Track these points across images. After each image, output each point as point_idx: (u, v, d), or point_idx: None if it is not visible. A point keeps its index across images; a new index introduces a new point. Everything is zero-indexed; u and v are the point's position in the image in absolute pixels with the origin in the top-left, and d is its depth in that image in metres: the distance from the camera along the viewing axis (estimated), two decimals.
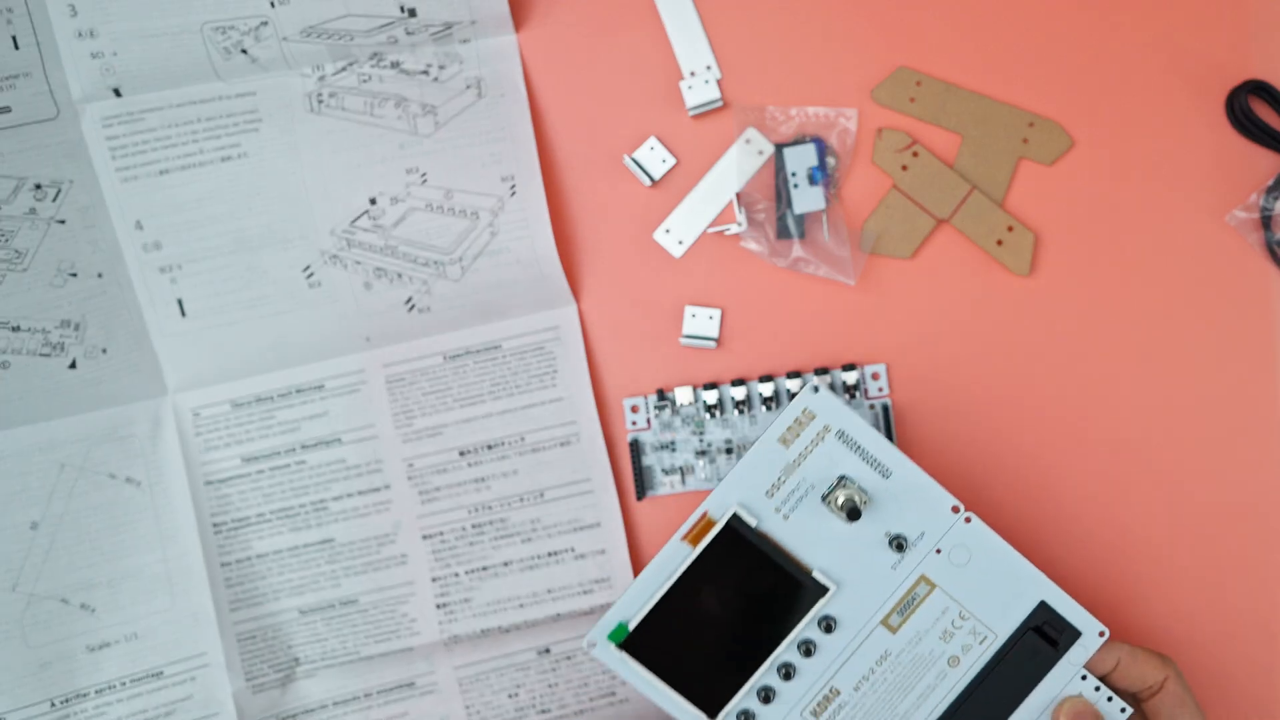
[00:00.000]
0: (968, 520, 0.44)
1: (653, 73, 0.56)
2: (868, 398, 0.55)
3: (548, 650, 0.56)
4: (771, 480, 0.45)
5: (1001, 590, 0.44)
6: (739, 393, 0.55)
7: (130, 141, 0.54)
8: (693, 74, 0.56)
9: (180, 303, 0.55)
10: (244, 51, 0.53)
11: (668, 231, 0.56)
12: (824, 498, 0.44)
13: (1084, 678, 0.44)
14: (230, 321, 0.55)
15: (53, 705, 0.53)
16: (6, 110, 0.52)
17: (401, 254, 0.55)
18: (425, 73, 0.55)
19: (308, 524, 0.55)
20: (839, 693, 0.44)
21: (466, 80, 0.55)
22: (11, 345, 0.53)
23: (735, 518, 0.44)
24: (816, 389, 0.44)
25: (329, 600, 0.55)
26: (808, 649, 0.44)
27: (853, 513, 0.44)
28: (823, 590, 0.44)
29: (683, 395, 0.55)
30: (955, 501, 0.44)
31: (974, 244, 0.55)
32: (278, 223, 0.55)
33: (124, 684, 0.54)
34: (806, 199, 0.55)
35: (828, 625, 0.44)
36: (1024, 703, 0.44)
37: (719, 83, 0.56)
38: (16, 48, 0.52)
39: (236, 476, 0.55)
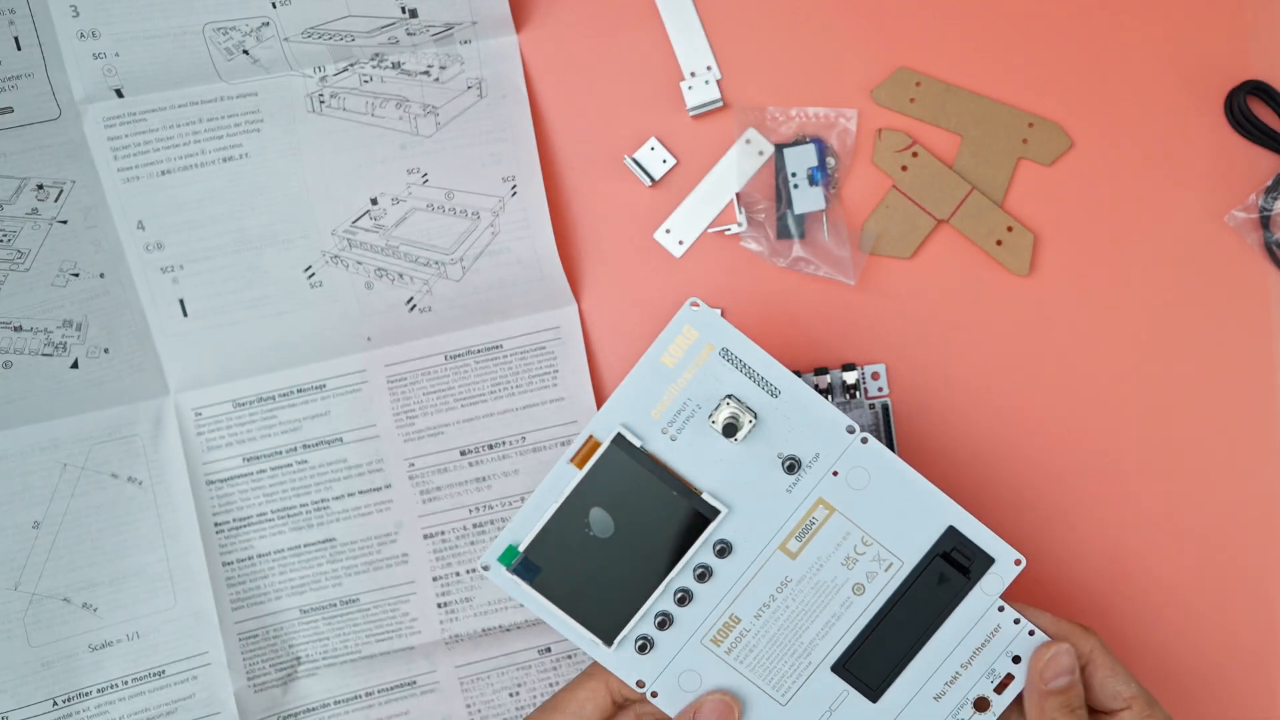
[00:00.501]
0: (864, 441, 0.42)
1: (653, 73, 0.56)
2: (868, 397, 0.55)
3: (548, 649, 0.56)
4: (656, 400, 0.43)
5: (906, 515, 0.42)
6: None
7: (132, 142, 0.54)
8: (693, 74, 0.56)
9: (182, 303, 0.55)
10: (246, 52, 0.53)
11: (668, 231, 0.56)
12: (710, 418, 0.42)
13: (1001, 609, 0.43)
14: (232, 321, 0.55)
15: (55, 704, 0.53)
16: (9, 111, 0.52)
17: (403, 254, 0.55)
18: (426, 73, 0.55)
19: (309, 523, 0.55)
20: (739, 620, 0.43)
21: (467, 81, 0.55)
22: (14, 345, 0.53)
23: (619, 438, 0.42)
24: (696, 304, 0.42)
25: (330, 599, 0.55)
26: (702, 574, 0.43)
27: (728, 429, 0.42)
28: (714, 513, 0.42)
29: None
30: (850, 421, 0.42)
31: (973, 244, 0.55)
32: (279, 223, 0.55)
33: (126, 683, 0.54)
34: (806, 199, 0.55)
35: (721, 549, 0.43)
36: (938, 633, 0.43)
37: (719, 83, 0.56)
38: (19, 48, 0.52)
39: (238, 476, 0.55)
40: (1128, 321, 0.56)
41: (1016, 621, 0.43)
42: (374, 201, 0.55)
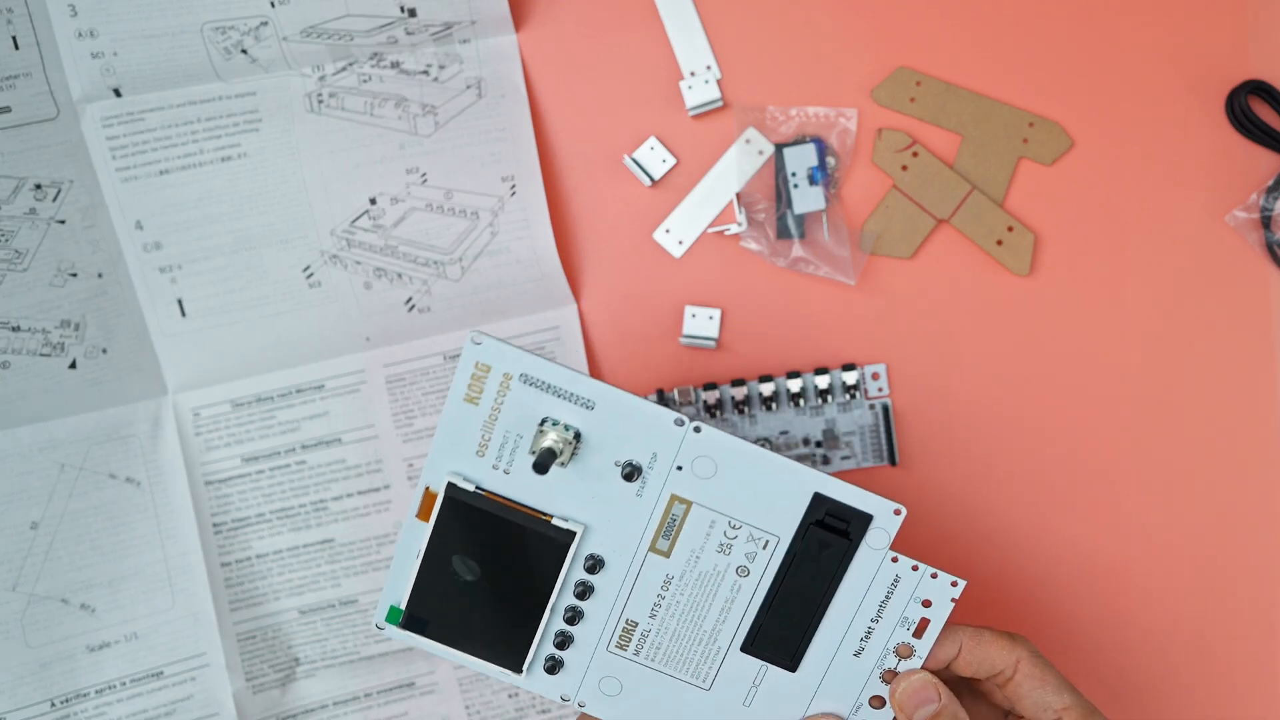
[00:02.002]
0: (698, 430, 0.40)
1: (653, 73, 0.56)
2: (868, 397, 0.55)
3: None
4: (476, 440, 0.42)
5: (767, 493, 0.41)
6: (739, 393, 0.55)
7: (130, 141, 0.54)
8: (693, 74, 0.56)
9: (180, 303, 0.55)
10: (244, 51, 0.53)
11: (668, 231, 0.56)
12: (530, 449, 0.42)
13: (895, 559, 0.42)
14: (230, 321, 0.55)
15: (53, 705, 0.53)
16: (6, 110, 0.52)
17: (401, 254, 0.55)
18: (425, 73, 0.55)
19: (308, 524, 0.55)
20: (636, 623, 0.43)
21: (466, 80, 0.55)
22: (11, 345, 0.53)
23: (451, 486, 0.42)
24: (478, 341, 0.41)
25: (329, 600, 0.55)
26: (583, 591, 0.43)
27: (540, 466, 0.40)
28: (569, 535, 0.42)
29: (682, 396, 0.55)
30: (676, 415, 0.40)
31: (974, 244, 0.55)
32: (278, 223, 0.55)
33: (124, 684, 0.54)
34: (806, 199, 0.55)
35: (592, 565, 0.42)
36: (837, 596, 0.42)
37: (719, 83, 0.56)
38: (16, 48, 0.52)
39: (236, 476, 0.55)
40: (1128, 321, 0.56)
41: (915, 568, 0.42)
42: (373, 201, 0.55)
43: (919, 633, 0.42)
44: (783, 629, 0.43)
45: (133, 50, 0.52)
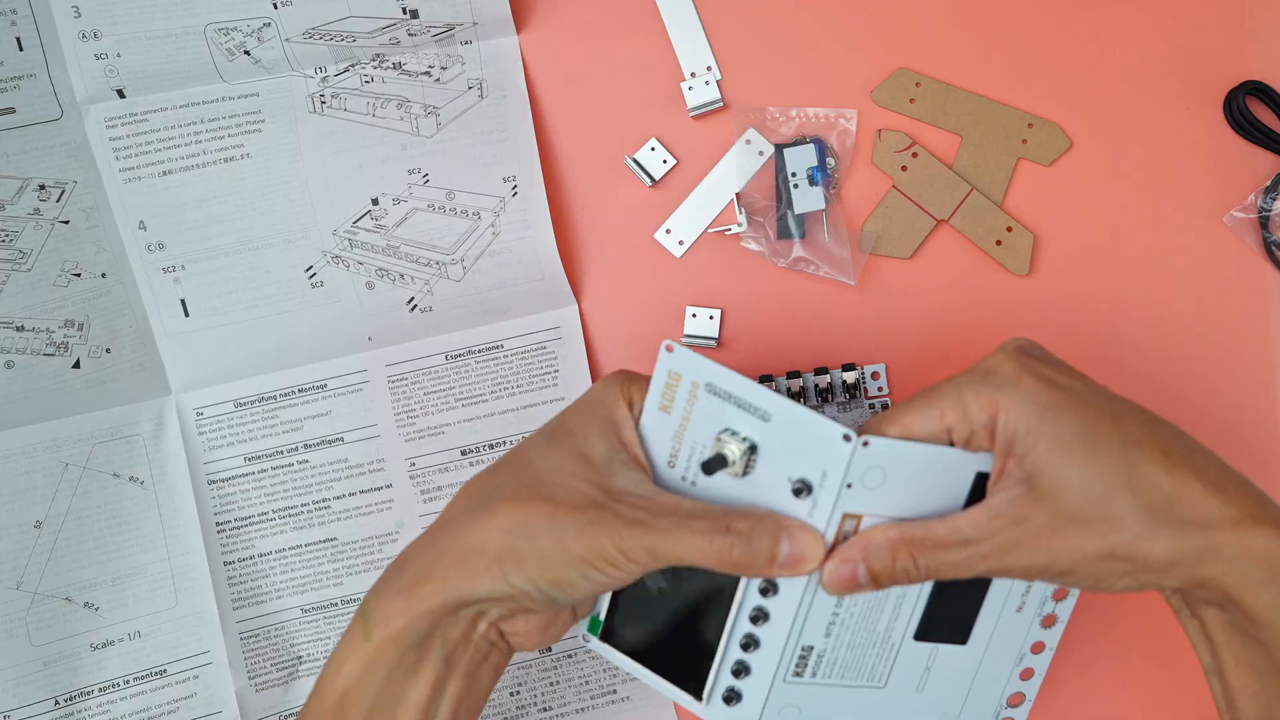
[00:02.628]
0: (865, 445, 0.39)
1: (654, 74, 0.56)
2: (868, 397, 0.55)
3: (549, 649, 0.56)
4: (668, 450, 0.42)
5: (932, 486, 0.40)
6: None
7: (134, 142, 0.54)
8: (693, 75, 0.56)
9: (184, 303, 0.55)
10: (247, 53, 0.53)
11: (668, 232, 0.56)
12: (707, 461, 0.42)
13: None
14: (233, 321, 0.55)
15: (56, 703, 0.53)
16: (11, 111, 0.52)
17: (403, 254, 0.55)
18: (427, 74, 0.55)
19: (310, 523, 0.55)
20: (812, 648, 0.42)
21: (468, 81, 0.55)
22: (15, 345, 0.53)
23: None
24: (671, 348, 0.42)
25: (331, 599, 0.55)
26: (757, 616, 0.42)
27: (708, 467, 0.40)
28: None
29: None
30: (844, 430, 0.39)
31: (973, 244, 0.56)
32: (280, 223, 0.55)
33: (127, 682, 0.54)
34: (806, 199, 0.55)
35: (764, 589, 0.41)
36: None
37: (719, 84, 0.56)
38: (21, 49, 0.52)
39: (239, 475, 0.55)
40: (1126, 321, 0.56)
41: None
42: (375, 202, 0.55)
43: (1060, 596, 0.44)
44: (955, 608, 0.43)
45: (136, 51, 0.53)
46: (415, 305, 0.55)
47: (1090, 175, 0.56)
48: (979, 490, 0.41)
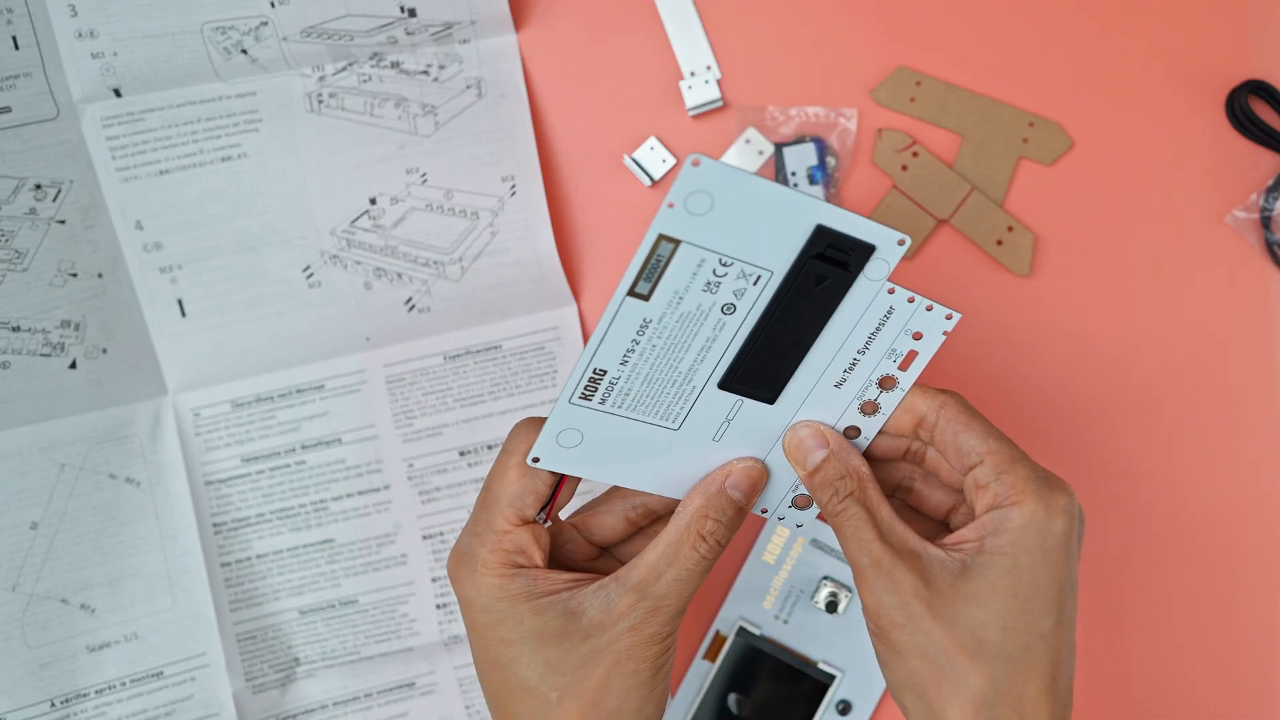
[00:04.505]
0: (696, 164, 0.35)
1: (653, 73, 0.56)
2: None
3: None
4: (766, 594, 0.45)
5: (764, 226, 0.37)
6: None
7: (130, 142, 0.54)
8: (693, 74, 0.56)
9: (180, 303, 0.55)
10: (244, 52, 0.53)
11: None
12: (812, 598, 0.44)
13: (892, 290, 0.39)
14: (230, 321, 0.55)
15: (53, 705, 0.53)
16: (7, 110, 0.52)
17: (401, 254, 0.55)
18: (425, 73, 0.55)
19: (308, 524, 0.55)
20: (604, 371, 0.39)
21: (466, 80, 0.55)
22: (12, 345, 0.53)
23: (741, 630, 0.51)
24: (775, 516, 0.44)
25: (329, 600, 0.55)
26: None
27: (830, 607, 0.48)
28: None
29: None
30: (695, 155, 0.35)
31: (974, 244, 0.55)
32: (278, 223, 0.55)
33: (124, 684, 0.54)
34: None
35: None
36: (827, 328, 0.39)
37: (719, 83, 0.56)
38: (16, 48, 0.52)
39: (236, 476, 0.55)
40: (1128, 322, 0.56)
41: (911, 300, 0.39)
42: (373, 201, 0.55)
43: (905, 364, 0.40)
44: (766, 364, 0.40)
45: (133, 50, 0.52)
46: (413, 305, 0.55)
47: (1092, 175, 0.56)
48: (815, 247, 0.37)
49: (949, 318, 0.39)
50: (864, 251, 0.38)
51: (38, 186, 0.53)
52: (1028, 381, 0.56)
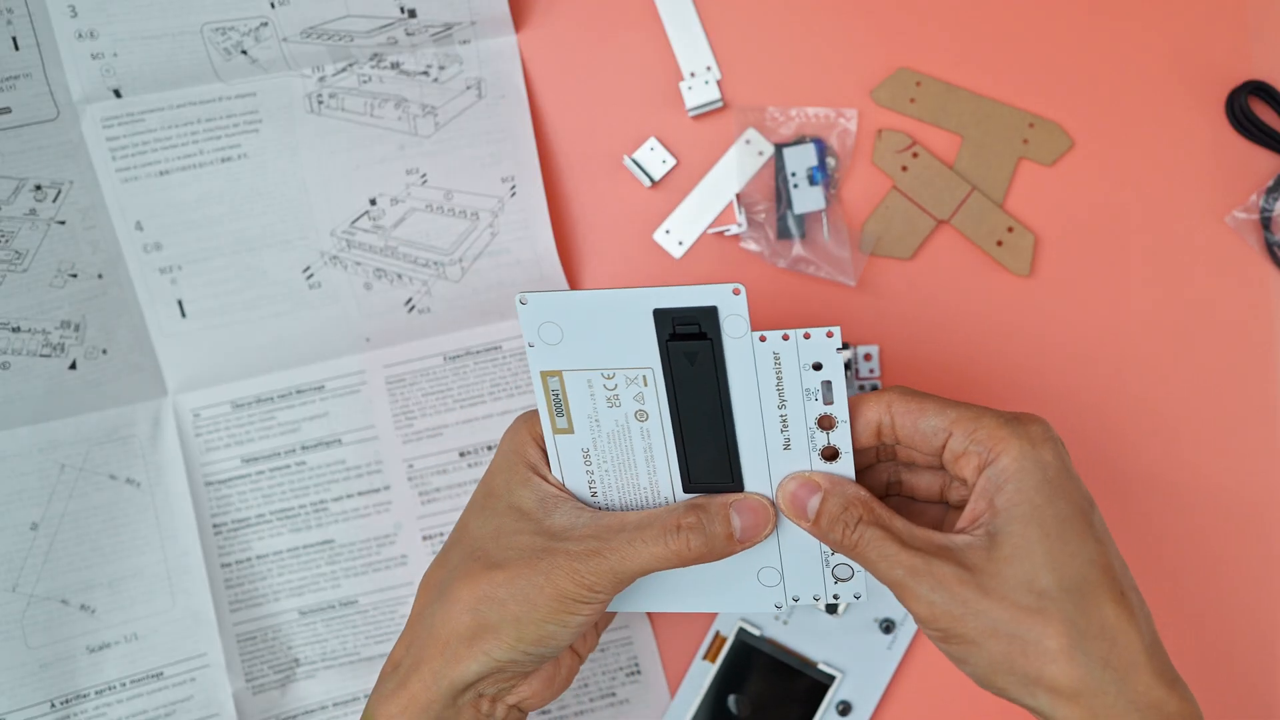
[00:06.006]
0: (523, 303, 0.39)
1: (653, 73, 0.56)
2: (859, 378, 0.54)
3: None
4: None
5: (616, 331, 0.39)
6: None
7: (130, 142, 0.54)
8: (693, 75, 0.56)
9: (180, 303, 0.55)
10: (244, 52, 0.53)
11: (668, 232, 0.56)
12: None
13: (763, 339, 0.39)
14: (230, 322, 0.55)
15: (53, 706, 0.53)
16: (6, 111, 0.52)
17: (401, 255, 0.55)
18: (425, 73, 0.55)
19: (308, 525, 0.55)
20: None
21: (466, 81, 0.55)
22: (12, 346, 0.53)
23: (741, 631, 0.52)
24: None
25: (329, 601, 0.55)
26: None
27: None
28: None
29: None
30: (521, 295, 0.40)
31: (974, 245, 0.55)
32: (278, 223, 0.55)
33: (124, 685, 0.54)
34: (806, 199, 0.55)
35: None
36: (734, 398, 0.40)
37: (719, 83, 0.56)
38: (16, 48, 0.52)
39: (237, 477, 0.55)
40: (1128, 323, 0.55)
41: (785, 337, 0.39)
42: (373, 202, 0.55)
43: (829, 399, 0.40)
44: (705, 454, 0.41)
45: (133, 51, 0.52)
46: (413, 306, 0.55)
47: (1092, 175, 0.56)
48: (664, 330, 0.39)
49: (830, 335, 0.39)
50: (709, 315, 0.39)
51: (38, 187, 0.53)
52: (1028, 383, 0.55)
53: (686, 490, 0.42)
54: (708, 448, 0.41)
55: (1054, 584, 0.37)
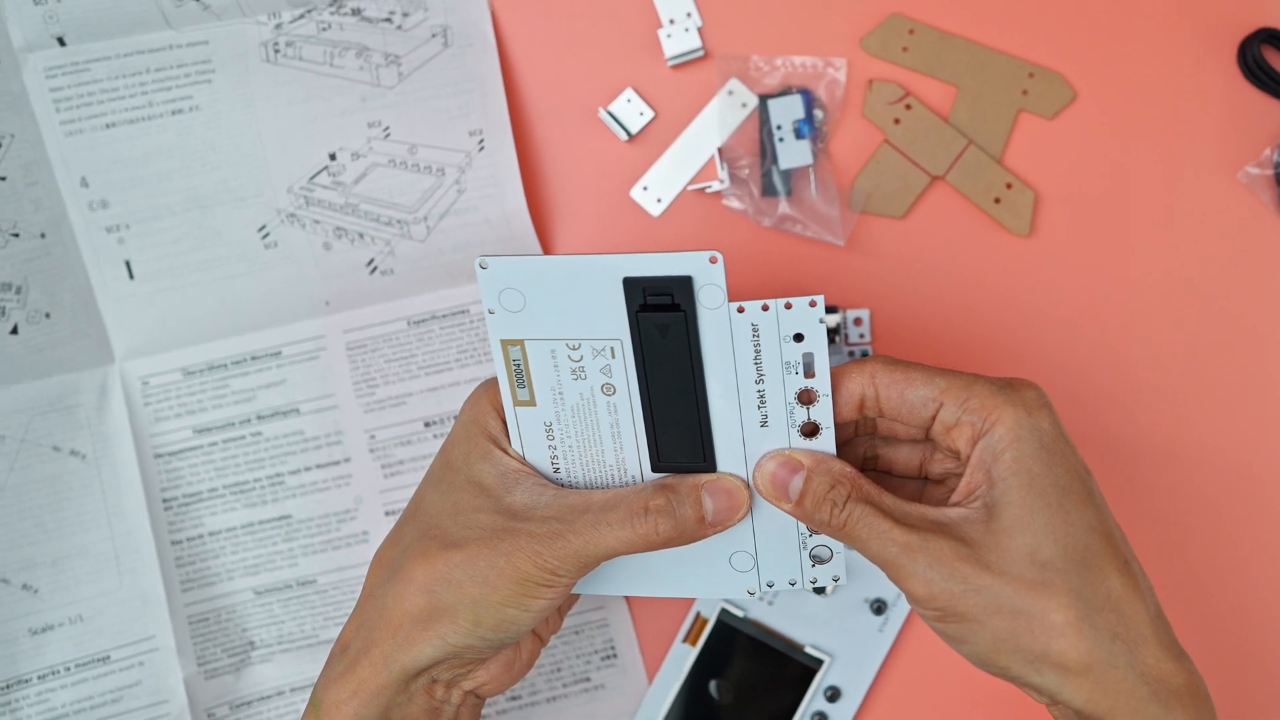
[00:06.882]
0: (483, 267, 0.38)
1: (630, 20, 0.54)
2: (848, 344, 0.52)
3: None
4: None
5: (583, 299, 0.38)
6: None
7: (75, 93, 0.53)
8: (672, 22, 0.54)
9: (128, 264, 0.54)
10: None
11: (645, 189, 0.55)
12: None
13: (741, 309, 0.38)
14: (181, 284, 0.54)
15: None
16: None
17: (363, 213, 0.54)
18: (388, 20, 0.53)
19: (263, 499, 0.54)
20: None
21: (432, 29, 0.53)
22: None
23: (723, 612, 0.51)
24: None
25: (286, 580, 0.54)
26: None
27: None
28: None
29: None
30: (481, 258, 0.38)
31: (970, 202, 0.54)
32: (231, 180, 0.54)
33: (68, 669, 0.53)
34: (792, 154, 0.53)
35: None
36: (709, 373, 0.39)
37: (700, 31, 0.54)
38: None
39: (188, 449, 0.54)
40: (1134, 284, 0.54)
41: (765, 308, 0.38)
42: (332, 157, 0.54)
43: (810, 372, 0.39)
44: (677, 431, 0.40)
45: None
46: (375, 267, 0.54)
47: (1095, 129, 0.54)
48: (635, 300, 0.38)
49: (813, 304, 0.38)
50: (684, 285, 0.37)
51: None
52: (1027, 347, 0.54)
53: (655, 469, 0.41)
54: (678, 425, 0.40)
55: (1057, 554, 0.36)
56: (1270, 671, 0.53)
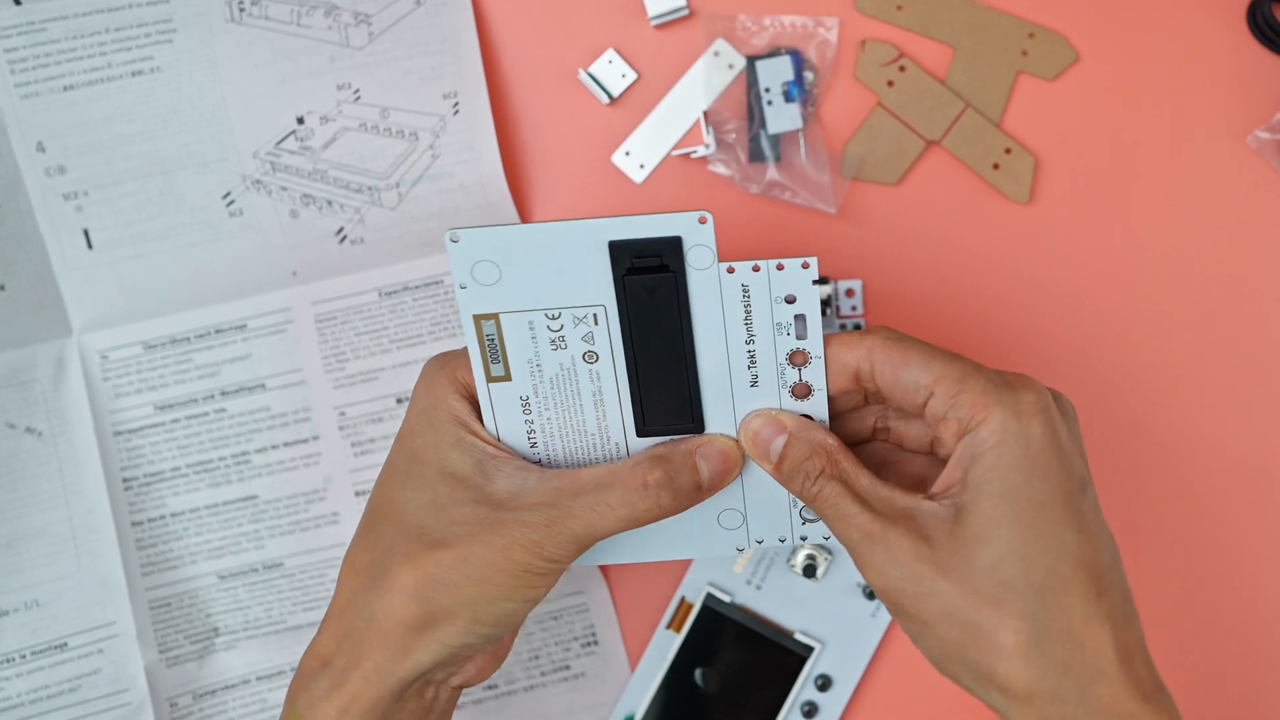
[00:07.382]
0: (454, 240, 0.37)
1: None
2: (840, 316, 0.51)
3: None
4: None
5: (564, 266, 0.38)
6: None
7: (31, 54, 0.51)
8: None
9: (87, 233, 0.52)
10: None
11: (628, 154, 0.53)
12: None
13: (731, 270, 0.37)
14: (142, 254, 0.52)
15: None
16: None
17: (332, 179, 0.52)
18: None
19: (228, 479, 0.53)
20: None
21: None
22: None
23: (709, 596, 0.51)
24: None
25: (251, 564, 0.53)
26: None
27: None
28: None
29: None
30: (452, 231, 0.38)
31: (967, 168, 0.53)
32: (194, 144, 0.52)
33: (24, 656, 0.52)
34: (781, 118, 0.52)
35: None
36: (698, 335, 0.39)
37: None
38: None
39: (149, 426, 0.53)
40: (1138, 253, 0.53)
41: (756, 269, 0.38)
42: (300, 120, 0.52)
43: (802, 334, 0.38)
44: (664, 394, 0.40)
45: None
46: (345, 236, 0.53)
47: (1098, 91, 0.53)
48: (622, 264, 0.37)
49: (805, 266, 0.38)
50: (672, 246, 0.37)
51: None
52: (1027, 319, 0.53)
53: (641, 434, 0.41)
54: (665, 388, 0.40)
55: (1018, 574, 0.35)
56: (1271, 669, 0.52)
